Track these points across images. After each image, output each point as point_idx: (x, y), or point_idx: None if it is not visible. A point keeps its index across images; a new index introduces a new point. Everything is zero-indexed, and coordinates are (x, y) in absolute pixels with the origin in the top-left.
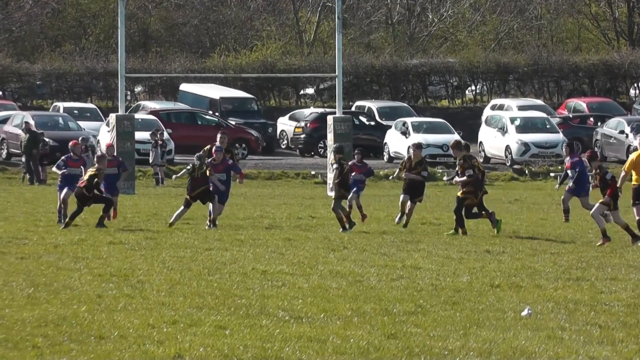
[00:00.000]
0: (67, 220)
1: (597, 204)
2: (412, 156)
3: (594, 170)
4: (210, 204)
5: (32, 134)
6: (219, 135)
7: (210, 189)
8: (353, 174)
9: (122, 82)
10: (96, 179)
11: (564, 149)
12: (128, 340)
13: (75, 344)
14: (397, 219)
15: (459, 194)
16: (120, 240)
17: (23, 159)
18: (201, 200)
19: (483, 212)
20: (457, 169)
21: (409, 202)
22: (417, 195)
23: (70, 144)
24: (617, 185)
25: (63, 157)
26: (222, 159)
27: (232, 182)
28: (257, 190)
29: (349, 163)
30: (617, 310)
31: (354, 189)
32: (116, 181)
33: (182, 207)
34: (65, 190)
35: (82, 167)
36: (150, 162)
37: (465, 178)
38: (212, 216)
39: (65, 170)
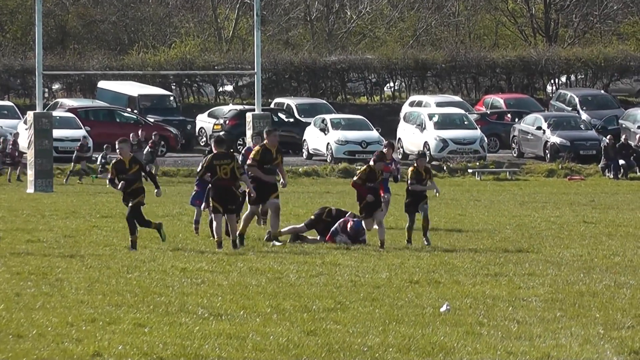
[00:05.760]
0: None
1: None
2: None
3: None
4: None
5: None
6: None
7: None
8: None
9: (39, 80)
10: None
11: None
12: (46, 339)
13: None
14: None
15: None
16: (38, 239)
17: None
18: None
19: None
20: None
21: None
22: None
23: None
24: None
25: None
26: None
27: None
28: (176, 188)
29: None
30: (535, 305)
31: None
32: None
33: None
34: None
35: None
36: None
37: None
38: None
39: None
